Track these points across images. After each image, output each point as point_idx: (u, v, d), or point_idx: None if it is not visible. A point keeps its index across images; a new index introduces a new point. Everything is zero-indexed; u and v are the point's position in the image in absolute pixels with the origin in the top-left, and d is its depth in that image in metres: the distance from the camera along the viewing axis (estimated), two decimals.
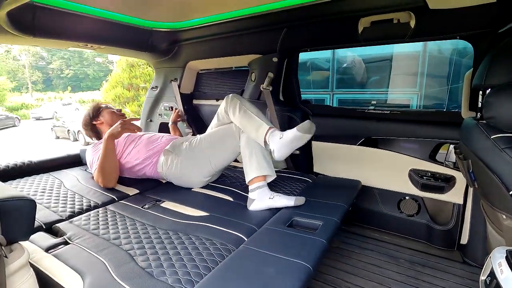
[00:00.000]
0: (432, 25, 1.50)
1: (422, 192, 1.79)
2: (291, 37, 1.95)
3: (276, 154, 1.43)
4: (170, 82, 2.57)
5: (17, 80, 32.87)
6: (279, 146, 1.41)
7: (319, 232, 1.18)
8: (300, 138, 1.37)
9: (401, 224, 1.87)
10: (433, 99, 4.77)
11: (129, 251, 1.05)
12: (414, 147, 1.82)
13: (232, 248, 1.09)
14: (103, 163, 1.61)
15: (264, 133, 1.46)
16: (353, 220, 2.03)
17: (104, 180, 1.63)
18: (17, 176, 1.78)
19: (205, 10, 1.93)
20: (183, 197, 1.57)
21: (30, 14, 1.50)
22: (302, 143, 1.40)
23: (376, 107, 2.01)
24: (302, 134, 1.36)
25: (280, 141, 1.40)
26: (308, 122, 1.37)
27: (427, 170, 1.76)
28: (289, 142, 1.38)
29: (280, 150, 1.41)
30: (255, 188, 1.45)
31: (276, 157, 1.43)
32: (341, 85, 5.52)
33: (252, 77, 2.22)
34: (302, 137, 1.37)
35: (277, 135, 1.43)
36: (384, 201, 1.93)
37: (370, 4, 1.56)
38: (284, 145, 1.39)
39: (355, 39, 1.72)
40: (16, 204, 0.81)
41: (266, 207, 1.42)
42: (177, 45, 2.42)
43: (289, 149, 1.41)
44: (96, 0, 1.66)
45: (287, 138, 1.39)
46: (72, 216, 1.37)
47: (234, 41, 2.18)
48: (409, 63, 4.85)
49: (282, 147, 1.40)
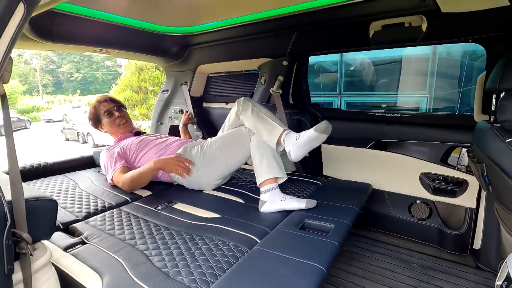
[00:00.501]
0: (444, 28, 1.50)
1: (434, 196, 1.77)
2: (302, 41, 1.97)
3: (293, 155, 1.44)
4: (180, 85, 2.61)
5: (28, 84, 33.62)
6: (295, 147, 1.42)
7: (332, 234, 1.19)
8: (316, 138, 1.38)
9: (412, 228, 1.86)
10: (443, 102, 4.72)
11: (145, 251, 1.07)
12: (425, 151, 1.81)
13: (246, 249, 1.10)
14: (138, 179, 1.63)
15: (278, 135, 1.48)
16: (363, 224, 2.03)
17: (129, 188, 1.66)
18: (33, 177, 1.83)
19: (216, 15, 1.97)
20: (194, 199, 1.59)
21: (49, 21, 1.55)
22: (319, 143, 1.42)
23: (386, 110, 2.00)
24: (319, 134, 1.37)
25: (297, 142, 1.42)
26: (325, 122, 1.38)
27: (438, 174, 1.75)
28: (306, 143, 1.40)
29: (297, 151, 1.42)
30: (267, 190, 1.46)
31: (293, 158, 1.45)
32: (349, 88, 5.51)
33: (262, 81, 2.24)
34: (318, 137, 1.38)
35: (293, 136, 1.44)
36: (394, 205, 1.92)
37: (381, 8, 1.56)
38: (301, 146, 1.41)
39: (366, 43, 1.73)
40: (40, 204, 0.83)
41: (277, 209, 1.43)
42: (188, 49, 2.46)
43: (306, 150, 1.42)
44: (111, 6, 1.70)
45: (304, 139, 1.40)
46: (88, 216, 1.40)
47: (244, 45, 2.20)
48: (418, 65, 4.82)
49: (299, 148, 1.42)
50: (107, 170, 1.75)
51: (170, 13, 1.90)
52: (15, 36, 0.67)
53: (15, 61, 32.55)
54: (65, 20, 1.66)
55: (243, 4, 1.75)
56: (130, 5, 1.69)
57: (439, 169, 1.74)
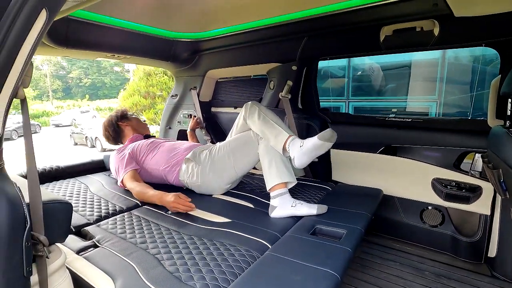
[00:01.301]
0: (457, 32, 1.49)
1: (446, 202, 1.74)
2: (312, 46, 1.97)
3: (296, 162, 1.43)
4: (189, 90, 2.63)
5: (38, 89, 34.37)
6: (299, 154, 1.41)
7: (344, 240, 1.17)
8: (320, 146, 1.37)
9: (424, 235, 1.82)
10: (453, 107, 4.66)
11: (156, 256, 1.07)
12: (437, 156, 1.78)
13: (257, 254, 1.09)
14: (142, 196, 1.59)
15: (283, 141, 1.47)
16: (374, 230, 2.00)
17: (134, 196, 1.66)
18: (45, 181, 1.85)
19: (226, 21, 1.99)
20: (205, 203, 1.59)
21: (64, 27, 1.59)
22: (323, 151, 1.40)
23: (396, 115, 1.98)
24: (322, 142, 1.36)
25: (301, 149, 1.41)
26: (329, 130, 1.37)
27: (451, 180, 1.72)
28: (309, 150, 1.38)
29: (300, 158, 1.41)
30: (277, 195, 1.45)
31: (296, 165, 1.44)
32: (357, 92, 5.49)
33: (270, 85, 2.25)
34: (322, 146, 1.37)
35: (297, 143, 1.43)
36: (406, 211, 1.89)
37: (392, 13, 1.56)
38: (304, 153, 1.40)
39: (377, 47, 1.72)
40: (56, 206, 0.84)
41: (288, 215, 1.42)
42: (197, 54, 2.49)
43: (310, 157, 1.41)
44: (124, 12, 1.74)
45: (308, 146, 1.39)
46: (99, 220, 1.41)
47: (254, 50, 2.22)
48: (427, 70, 4.78)
49: (302, 155, 1.40)
50: (118, 172, 1.76)
51: (181, 20, 1.92)
52: (36, 42, 0.69)
53: None
54: (79, 26, 1.69)
55: (252, 10, 1.77)
56: (142, 12, 1.73)
57: (451, 174, 1.71)
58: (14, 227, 0.61)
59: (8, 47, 0.63)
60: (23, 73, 0.70)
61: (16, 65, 0.67)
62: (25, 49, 0.67)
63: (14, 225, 0.61)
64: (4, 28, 0.62)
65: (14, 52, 0.65)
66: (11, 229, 0.60)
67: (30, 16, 0.64)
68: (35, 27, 0.67)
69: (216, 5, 1.67)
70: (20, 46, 0.66)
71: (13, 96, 0.70)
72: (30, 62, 0.72)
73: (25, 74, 0.73)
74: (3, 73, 0.65)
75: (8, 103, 0.68)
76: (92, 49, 1.85)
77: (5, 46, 0.63)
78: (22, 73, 0.70)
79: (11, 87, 0.68)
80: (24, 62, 0.68)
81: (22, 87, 0.74)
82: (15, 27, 0.63)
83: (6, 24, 0.61)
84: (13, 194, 0.63)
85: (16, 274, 0.60)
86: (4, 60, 0.64)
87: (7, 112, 0.69)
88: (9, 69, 0.65)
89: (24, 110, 0.77)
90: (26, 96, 0.78)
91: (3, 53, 0.63)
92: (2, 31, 0.62)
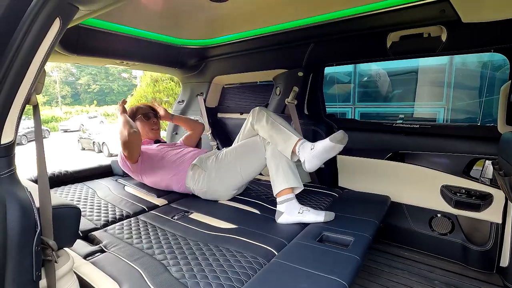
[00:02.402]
0: (465, 38, 1.48)
1: (456, 210, 1.71)
2: (318, 52, 1.98)
3: (307, 165, 1.42)
4: (196, 96, 2.66)
5: (48, 95, 35.08)
6: (310, 157, 1.40)
7: (352, 248, 1.15)
8: (332, 148, 1.36)
9: (434, 243, 1.79)
10: (461, 113, 4.61)
11: (162, 261, 1.07)
12: (446, 163, 1.76)
13: (263, 261, 1.08)
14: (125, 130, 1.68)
15: (293, 144, 1.47)
16: (381, 237, 1.97)
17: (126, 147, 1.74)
18: (54, 185, 1.87)
19: (233, 28, 2.01)
20: (210, 209, 1.59)
21: (75, 35, 1.62)
22: (334, 154, 1.39)
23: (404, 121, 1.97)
24: (334, 144, 1.35)
25: (312, 152, 1.40)
26: (341, 132, 1.36)
27: (460, 187, 1.69)
28: (321, 153, 1.38)
29: (311, 161, 1.40)
30: (284, 201, 1.44)
31: (307, 168, 1.43)
32: (363, 98, 5.47)
33: (276, 91, 2.26)
34: (334, 148, 1.36)
35: (308, 146, 1.43)
36: (414, 218, 1.85)
37: (399, 19, 1.56)
38: (315, 156, 1.39)
39: (384, 54, 1.72)
40: (65, 211, 0.85)
41: (294, 221, 1.41)
42: (204, 61, 2.52)
43: (320, 160, 1.40)
44: (133, 20, 1.77)
45: (319, 149, 1.38)
46: (106, 225, 1.42)
47: (260, 56, 2.23)
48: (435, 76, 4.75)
49: (313, 158, 1.40)
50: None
51: (188, 27, 1.95)
52: (50, 50, 0.71)
53: None
54: (89, 34, 1.73)
55: (259, 17, 1.79)
56: (150, 19, 1.76)
57: (461, 181, 1.68)
58: (25, 231, 0.61)
59: (23, 55, 0.65)
60: (36, 80, 0.72)
61: (30, 72, 0.68)
62: (39, 57, 0.69)
63: (25, 229, 0.61)
64: (20, 36, 0.63)
65: (28, 60, 0.67)
66: (22, 233, 0.60)
67: (45, 25, 0.66)
68: (48, 35, 0.68)
69: (223, 12, 1.69)
70: (34, 53, 0.68)
71: (26, 102, 0.71)
72: (43, 69, 0.73)
73: (38, 81, 0.74)
74: (17, 80, 0.66)
75: (21, 109, 0.70)
76: (101, 56, 1.88)
77: (20, 54, 0.64)
78: (35, 80, 0.71)
79: (25, 94, 0.69)
80: (37, 69, 0.70)
81: (35, 93, 0.76)
82: (30, 35, 0.64)
83: (21, 32, 0.63)
84: (24, 199, 0.64)
85: (26, 278, 0.60)
86: (19, 67, 0.65)
87: (20, 118, 0.71)
88: (23, 76, 0.67)
89: (36, 116, 0.78)
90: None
91: (18, 60, 0.65)
92: (18, 39, 0.63)
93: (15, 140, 0.70)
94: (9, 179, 0.65)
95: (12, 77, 0.65)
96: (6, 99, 0.65)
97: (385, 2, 1.48)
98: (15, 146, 0.71)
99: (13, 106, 0.67)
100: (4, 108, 0.66)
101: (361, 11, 1.57)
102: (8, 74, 0.64)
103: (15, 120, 0.69)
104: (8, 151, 0.67)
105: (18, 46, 0.64)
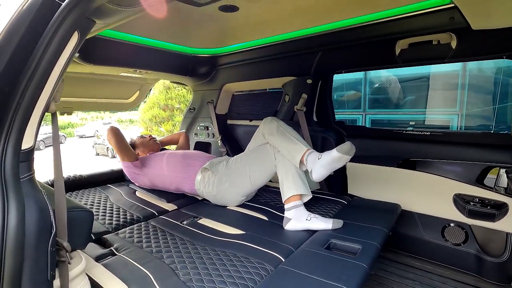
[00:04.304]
0: (475, 45, 1.47)
1: (470, 219, 1.66)
2: (327, 60, 2.00)
3: (314, 176, 1.43)
4: (206, 103, 2.71)
5: None
6: (317, 167, 1.41)
7: (359, 256, 1.14)
8: (339, 159, 1.37)
9: (446, 253, 1.74)
10: (476, 120, 4.49)
11: (171, 265, 1.09)
12: (458, 171, 1.72)
13: (270, 268, 1.09)
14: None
15: (301, 154, 1.48)
16: (391, 246, 1.93)
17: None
18: (70, 189, 1.94)
19: (243, 37, 2.05)
20: (219, 214, 1.61)
21: (92, 45, 1.70)
22: (341, 164, 1.39)
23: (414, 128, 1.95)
24: (341, 155, 1.35)
25: (319, 162, 1.41)
26: (348, 143, 1.36)
27: (474, 196, 1.64)
28: (328, 163, 1.38)
29: (318, 171, 1.41)
30: (292, 207, 1.45)
31: (314, 178, 1.43)
32: (374, 105, 5.42)
33: (285, 99, 2.28)
34: (341, 158, 1.36)
35: (316, 156, 1.44)
36: (426, 227, 1.81)
37: (408, 27, 1.56)
38: (322, 166, 1.39)
39: (392, 61, 1.72)
40: (78, 214, 0.89)
41: (302, 228, 1.41)
42: (215, 69, 2.57)
43: (327, 170, 1.40)
44: (146, 31, 1.84)
45: (326, 159, 1.39)
46: (118, 228, 1.45)
47: (269, 64, 2.27)
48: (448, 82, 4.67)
49: (320, 168, 1.40)
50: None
51: (199, 36, 2.01)
52: (68, 61, 0.75)
53: None
54: (105, 44, 1.80)
55: (268, 27, 1.82)
56: (163, 29, 1.82)
57: (474, 190, 1.64)
58: (41, 232, 0.65)
59: (44, 66, 0.70)
60: (55, 89, 0.77)
61: (49, 82, 0.73)
62: (58, 68, 0.73)
63: (41, 231, 0.65)
64: (41, 49, 0.68)
65: (48, 71, 0.71)
66: (39, 234, 0.64)
67: (64, 38, 0.71)
68: (67, 48, 0.73)
69: (233, 22, 1.74)
70: (54, 64, 0.72)
71: (46, 110, 0.76)
72: (61, 78, 0.78)
73: (56, 90, 0.79)
74: (38, 90, 0.71)
75: (40, 116, 0.74)
76: (116, 65, 1.96)
77: (41, 65, 0.69)
78: (54, 89, 0.76)
79: (44, 102, 0.74)
80: (56, 79, 0.75)
81: (53, 102, 0.80)
82: (50, 47, 0.69)
83: (43, 45, 0.68)
84: (42, 201, 0.68)
85: (41, 277, 0.63)
86: (40, 78, 0.70)
87: (39, 125, 0.75)
88: (43, 86, 0.71)
89: (54, 123, 0.83)
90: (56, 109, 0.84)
91: (39, 71, 0.69)
92: (39, 51, 0.68)
93: (34, 146, 0.74)
94: (28, 182, 0.69)
95: (33, 87, 0.69)
96: (27, 108, 0.70)
97: (393, 10, 1.49)
98: (34, 151, 0.75)
99: (33, 114, 0.72)
100: (25, 116, 0.70)
101: (369, 19, 1.58)
102: (29, 84, 0.69)
103: (35, 127, 0.73)
104: (28, 156, 0.72)
105: (39, 58, 0.68)
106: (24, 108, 0.69)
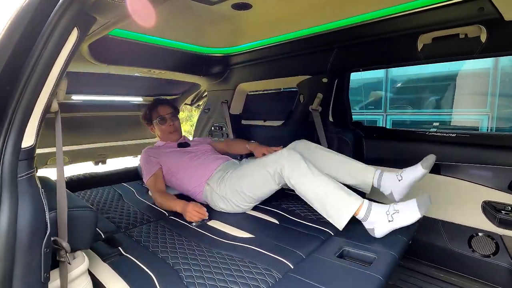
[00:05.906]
0: (508, 38, 1.33)
1: (501, 229, 1.52)
2: (343, 57, 1.91)
3: (397, 197, 1.38)
4: (221, 104, 2.69)
5: None
6: (400, 189, 1.42)
7: (374, 266, 1.06)
8: (423, 175, 1.34)
9: (474, 265, 1.60)
10: (508, 121, 4.18)
11: (176, 268, 1.07)
12: (487, 176, 1.58)
13: (277, 275, 1.03)
14: (161, 203, 1.68)
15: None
16: (413, 255, 1.80)
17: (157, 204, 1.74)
18: (85, 187, 1.99)
19: (256, 35, 2.01)
20: (229, 217, 1.57)
21: (105, 46, 1.72)
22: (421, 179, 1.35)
23: (438, 129, 1.82)
24: (426, 171, 1.32)
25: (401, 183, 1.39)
26: (432, 156, 1.32)
27: (506, 204, 1.50)
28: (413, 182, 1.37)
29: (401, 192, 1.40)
30: (365, 218, 1.27)
31: (397, 200, 1.38)
32: (396, 105, 5.19)
33: (300, 98, 2.21)
34: (424, 174, 1.34)
35: (393, 177, 1.40)
36: (450, 236, 1.68)
37: (431, 20, 1.45)
38: (406, 187, 1.38)
39: (414, 57, 1.61)
40: (80, 213, 0.88)
41: (392, 229, 1.26)
42: (229, 68, 2.55)
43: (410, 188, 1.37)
44: (160, 31, 1.84)
45: (410, 178, 1.37)
46: (128, 228, 1.46)
47: (283, 63, 2.21)
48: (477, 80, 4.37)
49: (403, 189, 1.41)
50: (144, 172, 1.83)
51: (212, 35, 1.99)
52: (69, 58, 0.74)
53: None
54: (118, 44, 1.82)
55: (282, 24, 1.77)
56: (176, 29, 1.81)
57: (506, 197, 1.50)
58: (35, 233, 0.63)
59: (43, 63, 0.68)
60: (57, 87, 0.76)
61: (49, 80, 0.72)
62: (58, 65, 0.72)
63: (34, 231, 0.63)
64: (40, 45, 0.67)
65: (48, 68, 0.70)
66: (32, 234, 0.63)
67: (63, 34, 0.69)
68: (67, 44, 0.71)
69: (247, 20, 1.70)
70: (54, 61, 0.71)
71: (47, 108, 0.75)
72: (63, 76, 0.77)
73: (59, 88, 0.78)
74: (38, 87, 0.70)
75: (42, 115, 0.73)
76: (130, 65, 1.98)
77: (40, 62, 0.68)
78: (55, 87, 0.75)
79: (45, 101, 0.73)
80: (57, 77, 0.73)
81: (56, 100, 0.79)
82: (49, 44, 0.68)
83: (42, 41, 0.67)
84: (37, 201, 0.67)
85: (34, 279, 0.62)
86: (39, 75, 0.69)
87: (41, 124, 0.74)
88: (43, 84, 0.70)
89: (57, 122, 0.82)
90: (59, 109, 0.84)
91: (38, 68, 0.68)
92: (38, 48, 0.67)
93: (35, 145, 0.73)
94: (27, 181, 0.68)
95: (33, 84, 0.68)
96: (28, 106, 0.69)
97: (415, 2, 1.39)
98: (36, 150, 0.74)
99: (34, 112, 0.71)
100: (25, 114, 0.69)
101: (388, 13, 1.48)
102: (29, 82, 0.68)
103: (36, 126, 0.73)
104: (28, 155, 0.71)
105: (38, 55, 0.67)
106: (24, 106, 0.68)
